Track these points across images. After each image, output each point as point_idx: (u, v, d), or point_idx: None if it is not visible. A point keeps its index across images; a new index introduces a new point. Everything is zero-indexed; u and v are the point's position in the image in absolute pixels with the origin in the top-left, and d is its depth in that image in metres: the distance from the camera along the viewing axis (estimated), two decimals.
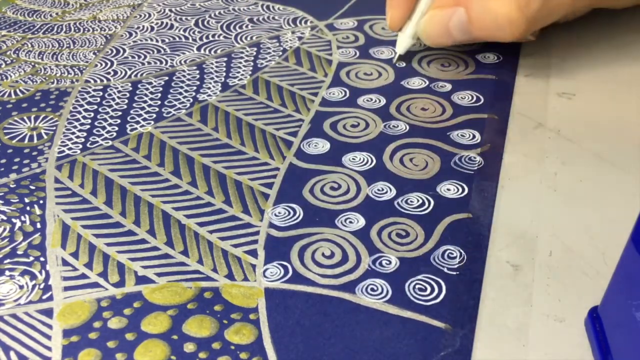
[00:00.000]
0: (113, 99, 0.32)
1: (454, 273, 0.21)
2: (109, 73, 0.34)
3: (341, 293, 0.21)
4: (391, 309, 0.20)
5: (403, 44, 0.32)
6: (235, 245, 0.23)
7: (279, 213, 0.24)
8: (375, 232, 0.23)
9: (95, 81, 0.34)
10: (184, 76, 0.34)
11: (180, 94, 0.32)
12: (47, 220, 0.25)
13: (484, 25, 0.29)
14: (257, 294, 0.21)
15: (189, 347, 0.19)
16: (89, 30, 0.39)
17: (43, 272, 0.22)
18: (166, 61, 0.35)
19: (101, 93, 0.33)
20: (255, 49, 0.36)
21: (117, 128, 0.30)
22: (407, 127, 0.29)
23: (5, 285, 0.22)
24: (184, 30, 0.39)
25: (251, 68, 0.34)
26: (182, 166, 0.27)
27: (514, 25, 0.28)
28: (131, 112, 0.31)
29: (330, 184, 0.26)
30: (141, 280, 0.22)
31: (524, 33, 0.29)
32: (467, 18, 0.29)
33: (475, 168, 0.26)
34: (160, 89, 0.33)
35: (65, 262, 0.23)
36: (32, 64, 0.36)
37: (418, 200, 0.25)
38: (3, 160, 0.28)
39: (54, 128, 0.30)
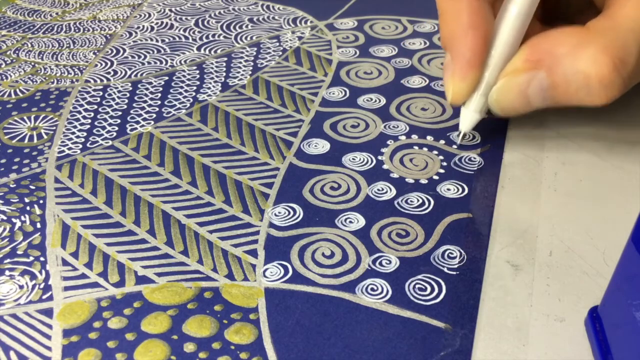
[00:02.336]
0: (113, 99, 0.32)
1: (454, 273, 0.21)
2: (109, 73, 0.34)
3: (341, 293, 0.21)
4: (391, 309, 0.20)
5: (469, 120, 0.26)
6: (235, 245, 0.23)
7: (279, 213, 0.24)
8: (375, 232, 0.23)
9: (95, 81, 0.34)
10: (184, 76, 0.34)
11: (180, 94, 0.32)
12: (47, 220, 0.25)
13: (571, 90, 0.24)
14: (257, 293, 0.21)
15: (189, 347, 0.19)
16: (89, 30, 0.39)
17: (43, 272, 0.22)
18: (166, 61, 0.35)
19: (101, 93, 0.33)
20: (255, 48, 0.36)
21: (117, 128, 0.30)
22: (407, 127, 0.29)
23: (5, 285, 0.22)
24: (184, 30, 0.39)
25: (251, 68, 0.34)
26: (182, 166, 0.27)
27: (609, 88, 0.23)
28: (131, 112, 0.31)
29: (330, 183, 0.26)
30: (141, 280, 0.22)
31: (618, 95, 0.23)
32: (550, 83, 0.24)
33: (475, 168, 0.26)
34: (160, 89, 0.33)
35: (65, 262, 0.23)
36: (32, 63, 0.36)
37: (418, 200, 0.25)
38: (3, 160, 0.28)
39: (54, 128, 0.30)
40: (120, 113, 0.31)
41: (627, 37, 0.23)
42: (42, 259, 0.23)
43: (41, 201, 0.26)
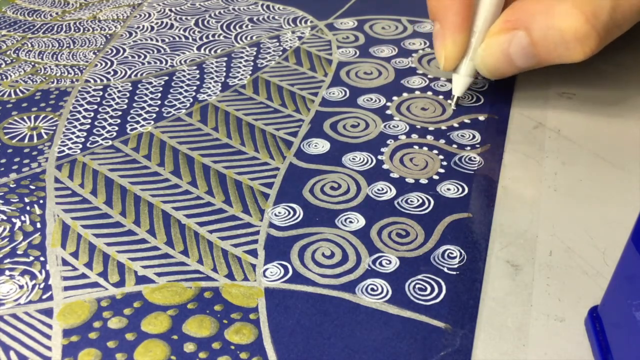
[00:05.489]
0: (113, 99, 0.32)
1: (454, 273, 0.21)
2: (109, 73, 0.34)
3: (341, 293, 0.21)
4: (391, 309, 0.20)
5: (461, 84, 0.29)
6: (235, 245, 0.23)
7: (279, 213, 0.24)
8: (375, 232, 0.23)
9: (95, 81, 0.34)
10: (184, 76, 0.34)
11: (180, 93, 0.32)
12: (47, 220, 0.25)
13: (550, 47, 0.25)
14: (257, 293, 0.21)
15: (189, 347, 0.19)
16: (89, 30, 0.39)
17: (43, 271, 0.22)
18: (166, 61, 0.35)
19: (101, 93, 0.33)
20: (255, 48, 0.36)
21: (117, 128, 0.30)
22: (407, 127, 0.29)
23: (5, 285, 0.22)
24: (184, 30, 0.39)
25: (251, 68, 0.34)
26: (182, 166, 0.27)
27: (584, 42, 0.24)
28: (131, 112, 0.31)
29: (330, 183, 0.26)
30: (141, 280, 0.22)
31: (595, 49, 0.25)
32: (529, 41, 0.25)
33: (475, 168, 0.26)
34: (160, 88, 0.33)
35: (65, 262, 0.23)
36: (32, 63, 0.36)
37: (418, 200, 0.25)
38: (3, 160, 0.28)
39: (54, 128, 0.30)
40: (120, 113, 0.31)
41: None
42: (42, 258, 0.23)
43: (41, 201, 0.26)
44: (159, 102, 0.32)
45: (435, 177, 0.26)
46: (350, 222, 0.24)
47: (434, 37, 0.28)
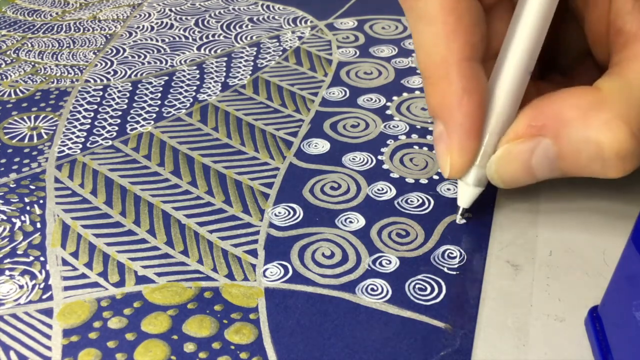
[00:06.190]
0: (113, 99, 0.32)
1: (454, 273, 0.21)
2: (109, 73, 0.34)
3: (341, 293, 0.21)
4: (391, 309, 0.20)
5: (468, 195, 0.23)
6: (235, 245, 0.23)
7: (279, 213, 0.24)
8: (375, 231, 0.23)
9: (95, 81, 0.34)
10: (184, 76, 0.34)
11: (180, 93, 0.32)
12: (47, 220, 0.25)
13: (582, 162, 0.20)
14: (257, 293, 0.21)
15: (189, 347, 0.19)
16: (89, 30, 0.39)
17: (43, 271, 0.22)
18: (166, 61, 0.35)
19: (101, 93, 0.33)
20: (255, 48, 0.36)
21: (117, 128, 0.30)
22: (407, 127, 0.29)
23: (5, 285, 0.22)
24: (184, 30, 0.39)
25: (251, 68, 0.34)
26: (182, 166, 0.27)
27: (627, 160, 0.20)
28: (131, 112, 0.31)
29: (330, 183, 0.26)
30: (141, 280, 0.22)
31: (636, 167, 0.20)
32: (557, 152, 0.20)
33: None
34: (160, 88, 0.33)
35: (65, 262, 0.23)
36: (32, 63, 0.36)
37: (418, 200, 0.25)
38: (3, 160, 0.28)
39: (54, 128, 0.30)
40: (120, 113, 0.31)
41: None
42: (42, 258, 0.23)
43: (41, 201, 0.26)
44: (159, 102, 0.32)
45: (435, 177, 0.26)
46: (350, 222, 0.24)
47: (435, 139, 0.22)
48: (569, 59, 0.25)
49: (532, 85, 0.23)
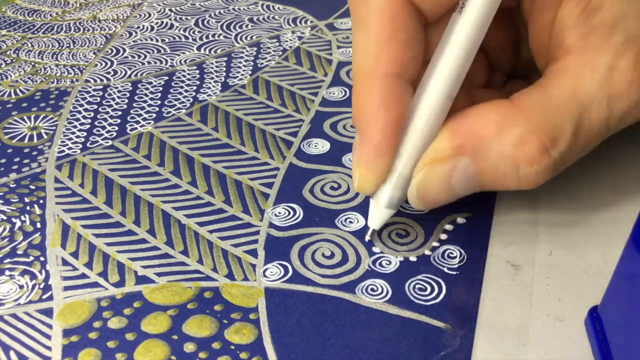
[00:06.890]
0: (113, 99, 0.32)
1: (454, 273, 0.21)
2: (109, 73, 0.34)
3: (341, 293, 0.21)
4: (391, 309, 0.20)
5: (378, 216, 0.22)
6: (235, 245, 0.23)
7: (279, 213, 0.24)
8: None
9: (95, 81, 0.34)
10: (184, 76, 0.34)
11: (180, 93, 0.32)
12: (47, 220, 0.25)
13: (499, 177, 0.21)
14: (257, 293, 0.21)
15: (189, 347, 0.19)
16: (89, 30, 0.39)
17: (43, 271, 0.22)
18: (166, 61, 0.35)
19: (101, 93, 0.33)
20: (255, 48, 0.36)
21: (117, 128, 0.30)
22: None
23: (5, 285, 0.22)
24: (184, 30, 0.39)
25: (251, 68, 0.34)
26: (182, 166, 0.27)
27: (539, 173, 0.20)
28: (131, 112, 0.31)
29: (330, 183, 0.26)
30: (141, 280, 0.22)
31: (548, 179, 0.21)
32: (475, 170, 0.21)
33: None
34: (160, 88, 0.33)
35: (65, 262, 0.23)
36: (32, 63, 0.36)
37: None
38: (3, 160, 0.28)
39: (54, 128, 0.30)
40: (120, 113, 0.31)
41: (561, 115, 0.20)
42: (42, 258, 0.23)
43: (41, 201, 0.26)
44: (159, 102, 0.32)
45: None
46: (350, 222, 0.24)
47: (353, 147, 0.22)
48: (527, 65, 0.25)
49: (487, 93, 0.23)
